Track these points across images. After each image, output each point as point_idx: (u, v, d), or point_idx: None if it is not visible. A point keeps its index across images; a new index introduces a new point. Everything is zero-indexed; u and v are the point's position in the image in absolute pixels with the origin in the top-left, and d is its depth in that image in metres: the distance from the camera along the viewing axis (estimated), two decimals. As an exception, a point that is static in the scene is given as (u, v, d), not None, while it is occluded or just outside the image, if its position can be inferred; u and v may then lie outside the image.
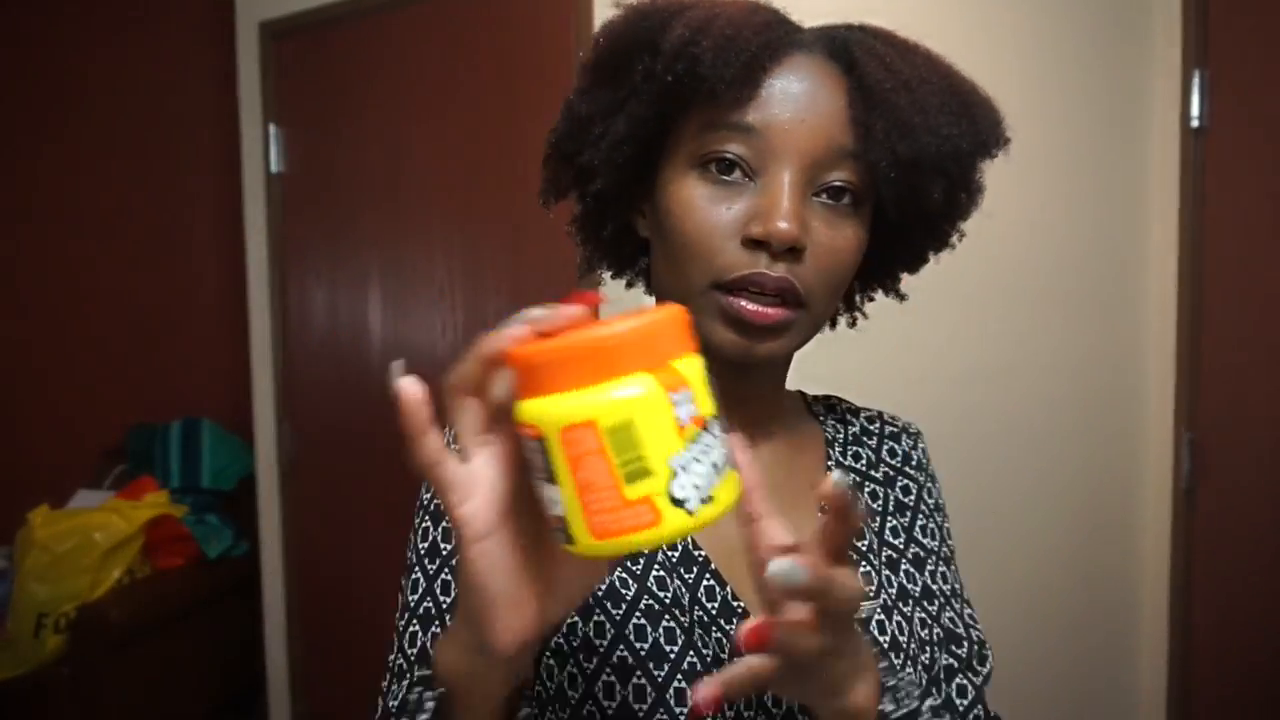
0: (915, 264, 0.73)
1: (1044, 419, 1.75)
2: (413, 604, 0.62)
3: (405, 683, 0.58)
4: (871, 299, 0.77)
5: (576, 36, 1.89)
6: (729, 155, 0.59)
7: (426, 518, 0.65)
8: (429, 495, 0.66)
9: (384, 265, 2.23)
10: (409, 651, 0.60)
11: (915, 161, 0.59)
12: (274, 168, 2.35)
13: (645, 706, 0.58)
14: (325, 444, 2.37)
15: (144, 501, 2.52)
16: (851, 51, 0.62)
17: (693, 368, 0.38)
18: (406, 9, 2.13)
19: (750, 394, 0.68)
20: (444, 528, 0.64)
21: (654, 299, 0.70)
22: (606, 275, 0.78)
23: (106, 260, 3.07)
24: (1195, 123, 1.67)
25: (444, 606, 0.61)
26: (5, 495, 2.72)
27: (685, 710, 0.59)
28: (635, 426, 0.36)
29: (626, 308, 0.46)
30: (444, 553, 0.63)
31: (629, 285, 0.77)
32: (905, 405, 0.91)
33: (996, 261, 1.70)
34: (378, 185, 2.21)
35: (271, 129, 2.34)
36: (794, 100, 0.59)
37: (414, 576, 0.63)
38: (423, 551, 0.64)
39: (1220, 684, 1.72)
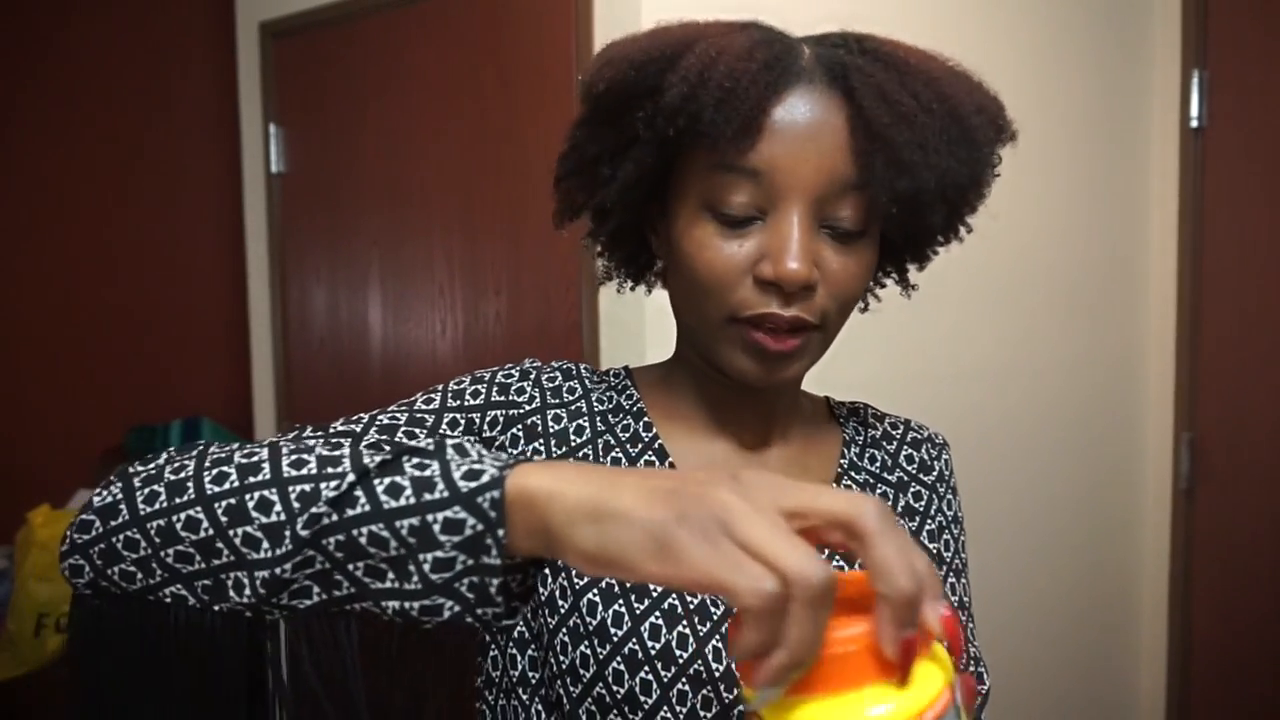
0: (922, 261, 0.75)
1: (1044, 419, 1.75)
2: (418, 408, 0.66)
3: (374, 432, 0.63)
4: (883, 285, 0.79)
5: (577, 37, 1.89)
6: (737, 197, 0.61)
7: (469, 376, 0.70)
8: (489, 372, 0.70)
9: (384, 265, 2.23)
10: (382, 419, 0.64)
11: (914, 197, 0.60)
12: (274, 168, 2.35)
13: (650, 700, 0.60)
14: (325, 444, 2.37)
15: (144, 501, 2.51)
16: (850, 81, 0.61)
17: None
18: (406, 9, 2.13)
19: (768, 406, 0.72)
20: (475, 388, 0.69)
21: (675, 320, 0.72)
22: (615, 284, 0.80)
23: (106, 260, 3.07)
24: (1195, 123, 1.68)
25: (438, 433, 0.64)
26: (5, 495, 2.72)
27: (686, 710, 0.60)
28: None
29: (631, 316, 0.46)
30: (466, 405, 0.67)
31: (649, 291, 0.79)
32: (905, 405, 0.91)
33: (996, 261, 1.71)
34: (378, 185, 2.21)
35: (271, 129, 2.34)
36: (797, 138, 0.60)
37: (432, 395, 0.68)
38: (452, 390, 0.68)
39: (1219, 683, 1.72)
